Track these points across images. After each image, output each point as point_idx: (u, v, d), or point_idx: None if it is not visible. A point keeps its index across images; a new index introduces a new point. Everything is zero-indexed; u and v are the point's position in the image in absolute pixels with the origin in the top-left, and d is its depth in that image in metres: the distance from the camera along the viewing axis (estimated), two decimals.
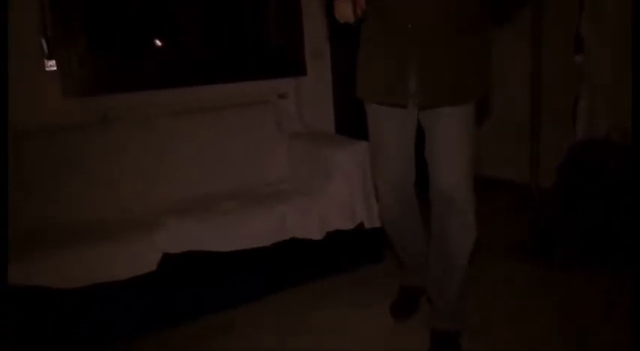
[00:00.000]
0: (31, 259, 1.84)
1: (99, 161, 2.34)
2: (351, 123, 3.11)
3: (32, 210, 2.18)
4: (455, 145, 1.73)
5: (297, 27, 3.02)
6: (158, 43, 2.82)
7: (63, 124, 2.39)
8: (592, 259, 2.31)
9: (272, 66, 2.99)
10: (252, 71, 2.91)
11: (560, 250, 2.36)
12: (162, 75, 2.71)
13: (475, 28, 1.71)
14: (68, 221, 2.18)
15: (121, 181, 2.36)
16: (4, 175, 1.48)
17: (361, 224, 2.41)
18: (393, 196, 1.91)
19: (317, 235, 2.29)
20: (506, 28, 3.23)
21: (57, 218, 2.20)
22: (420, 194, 1.93)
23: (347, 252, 2.45)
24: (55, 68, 2.45)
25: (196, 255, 2.08)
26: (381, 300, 2.14)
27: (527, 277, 2.35)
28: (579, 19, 2.64)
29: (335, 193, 2.35)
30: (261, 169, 2.65)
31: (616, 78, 2.46)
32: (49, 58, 2.43)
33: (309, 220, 2.27)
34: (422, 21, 1.64)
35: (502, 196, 3.32)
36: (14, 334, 1.80)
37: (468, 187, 1.75)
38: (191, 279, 2.11)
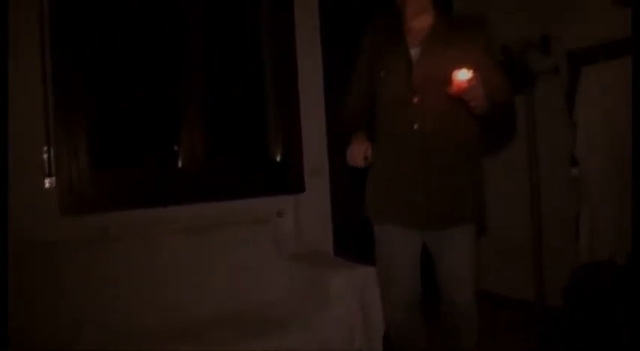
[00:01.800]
0: None
1: (96, 281, 2.26)
2: (350, 241, 3.10)
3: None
4: (466, 266, 1.92)
5: (297, 144, 3.08)
6: (159, 159, 2.85)
7: (60, 241, 2.34)
8: None
9: (272, 183, 3.01)
10: (252, 188, 2.91)
11: None
12: (163, 192, 2.71)
13: (475, 154, 1.92)
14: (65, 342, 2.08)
15: (115, 303, 2.26)
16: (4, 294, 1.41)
17: None
18: (402, 315, 1.99)
19: None
20: (502, 149, 3.29)
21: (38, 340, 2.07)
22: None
23: None
24: (54, 185, 2.46)
25: None
26: None
27: None
28: (574, 136, 2.70)
29: (333, 320, 2.26)
30: (259, 290, 2.57)
31: (616, 196, 2.46)
32: (49, 175, 2.44)
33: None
34: (430, 147, 1.83)
35: (507, 314, 3.20)
36: None
37: (476, 300, 1.96)
38: None
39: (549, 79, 2.95)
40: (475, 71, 1.57)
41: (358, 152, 1.81)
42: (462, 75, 1.56)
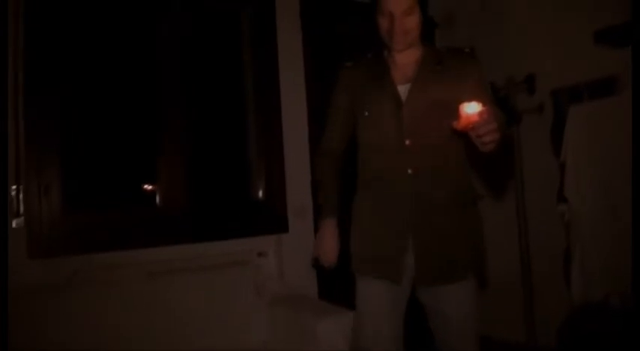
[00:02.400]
0: None
1: (62, 328, 2.12)
2: (335, 284, 2.98)
3: None
4: (468, 319, 1.72)
5: (280, 182, 2.98)
6: (135, 198, 2.74)
7: (28, 286, 2.19)
8: None
9: (253, 223, 2.91)
10: (232, 229, 2.80)
11: None
12: (139, 233, 2.58)
13: (470, 198, 1.76)
14: None
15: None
16: None
17: None
18: None
19: None
20: (489, 187, 3.25)
21: None
22: None
23: None
24: (22, 226, 2.32)
25: None
26: None
27: None
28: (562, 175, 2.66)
29: None
30: (239, 336, 2.45)
31: (608, 236, 2.40)
32: (17, 216, 2.31)
33: None
34: (420, 190, 1.66)
35: None
36: None
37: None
38: None
39: (534, 118, 2.94)
40: (485, 104, 1.43)
41: (331, 250, 1.74)
42: (472, 108, 1.42)
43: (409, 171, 1.67)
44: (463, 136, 1.56)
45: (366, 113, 1.75)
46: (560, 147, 2.71)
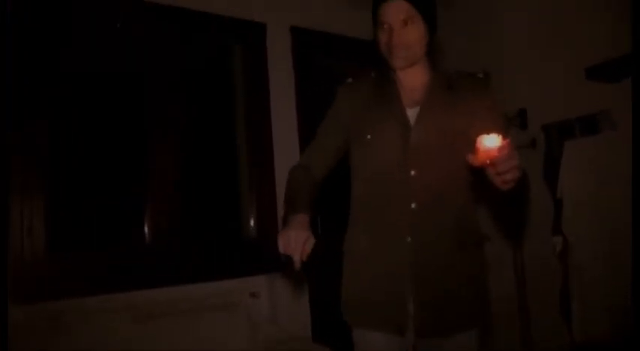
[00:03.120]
0: None
1: None
2: (330, 325, 2.89)
3: None
4: None
5: (272, 219, 2.90)
6: (122, 238, 2.64)
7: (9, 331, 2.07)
8: None
9: (245, 262, 2.82)
10: (224, 268, 2.71)
11: None
12: (126, 275, 2.48)
13: (476, 239, 1.58)
14: None
15: None
16: None
17: None
18: None
19: None
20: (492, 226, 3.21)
21: None
22: None
23: None
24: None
25: None
26: None
27: None
28: (557, 210, 2.63)
29: None
30: None
31: (608, 273, 2.36)
32: None
33: None
34: (423, 227, 1.49)
35: None
36: None
37: None
38: None
39: (527, 152, 2.93)
40: (505, 137, 1.25)
41: (297, 241, 1.34)
42: (491, 141, 1.25)
43: (413, 205, 1.49)
44: (478, 172, 1.39)
45: (369, 136, 1.55)
46: (552, 181, 2.70)
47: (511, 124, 2.97)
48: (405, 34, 1.50)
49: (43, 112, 2.38)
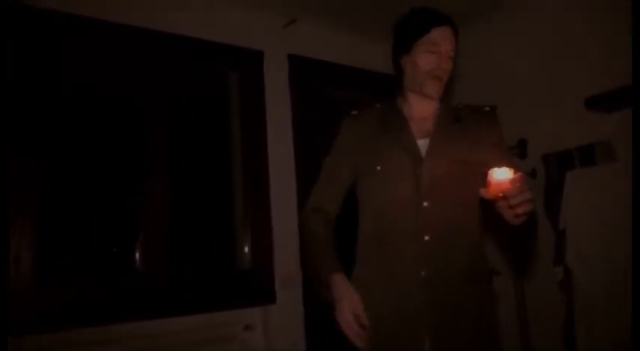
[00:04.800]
0: None
1: None
2: None
3: None
4: None
5: (267, 250, 2.84)
6: (113, 269, 2.56)
7: None
8: None
9: (239, 293, 2.74)
10: (217, 300, 2.63)
11: None
12: (116, 307, 2.39)
13: (486, 271, 1.56)
14: None
15: None
16: None
17: None
18: None
19: None
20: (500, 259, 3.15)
21: None
22: None
23: None
24: None
25: None
26: None
27: None
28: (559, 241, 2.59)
29: None
30: None
31: (614, 306, 2.30)
32: None
33: None
34: (436, 261, 1.46)
35: None
36: None
37: None
38: None
39: (528, 183, 2.89)
40: (516, 171, 1.28)
41: (357, 321, 1.38)
42: (502, 174, 1.27)
43: (426, 237, 1.45)
44: (488, 207, 1.41)
45: (379, 167, 1.52)
46: (553, 211, 2.66)
47: (511, 153, 2.94)
48: (450, 63, 1.53)
49: (31, 139, 2.33)
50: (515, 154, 2.95)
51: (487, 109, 1.64)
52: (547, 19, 2.91)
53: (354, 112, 1.67)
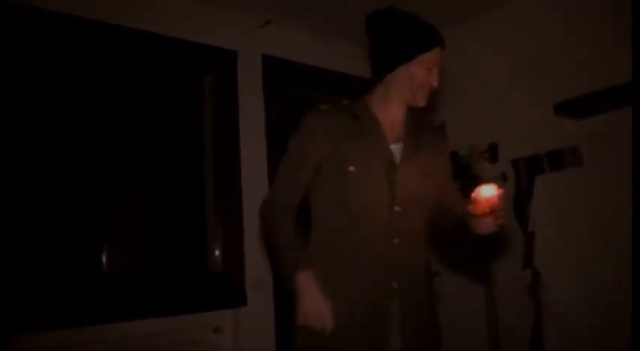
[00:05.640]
0: None
1: None
2: None
3: None
4: None
5: (238, 252, 2.80)
6: (79, 270, 2.50)
7: None
8: None
9: (209, 296, 2.70)
10: (186, 303, 2.58)
11: None
12: (81, 308, 2.33)
13: (431, 272, 1.72)
14: None
15: None
16: None
17: None
18: None
19: None
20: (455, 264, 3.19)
21: None
22: None
23: None
24: None
25: None
26: None
27: None
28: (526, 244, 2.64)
29: None
30: None
31: (585, 308, 2.34)
32: None
33: None
34: (403, 263, 1.54)
35: None
36: None
37: None
38: None
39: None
40: (500, 186, 1.39)
41: (322, 308, 1.42)
42: (490, 191, 1.35)
43: (396, 240, 1.51)
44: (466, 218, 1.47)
45: (351, 168, 1.51)
46: (522, 215, 2.70)
47: (482, 157, 2.98)
48: (438, 80, 1.60)
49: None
50: (485, 158, 2.98)
51: (437, 123, 1.79)
52: (519, 25, 2.96)
53: (323, 108, 1.63)
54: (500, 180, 2.90)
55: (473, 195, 1.37)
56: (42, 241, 2.37)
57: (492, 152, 2.97)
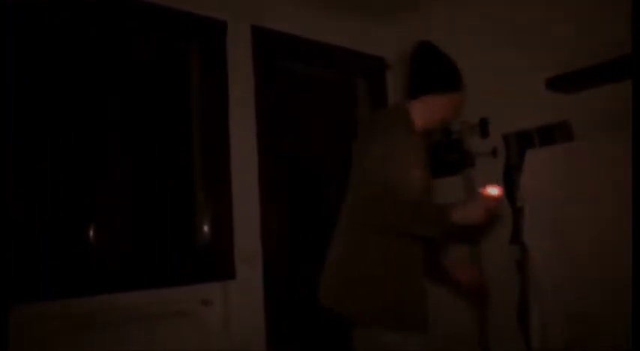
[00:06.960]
0: None
1: None
2: (286, 336, 2.79)
3: None
4: None
5: (227, 225, 2.79)
6: (67, 240, 2.47)
7: None
8: None
9: (197, 269, 2.69)
10: (174, 275, 2.58)
11: None
12: (68, 279, 2.32)
13: None
14: None
15: None
16: None
17: None
18: None
19: None
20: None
21: None
22: None
23: None
24: None
25: None
26: None
27: None
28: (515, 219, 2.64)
29: None
30: None
31: (569, 283, 2.35)
32: None
33: None
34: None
35: None
36: None
37: None
38: None
39: (488, 161, 2.93)
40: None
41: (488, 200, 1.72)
42: (495, 190, 1.68)
43: None
44: None
45: (417, 173, 1.87)
46: (511, 190, 2.70)
47: (472, 132, 2.97)
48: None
49: None
50: (476, 133, 2.97)
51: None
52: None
53: (398, 121, 1.92)
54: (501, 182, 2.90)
55: (482, 190, 1.69)
56: (34, 218, 2.34)
57: (483, 127, 2.96)
